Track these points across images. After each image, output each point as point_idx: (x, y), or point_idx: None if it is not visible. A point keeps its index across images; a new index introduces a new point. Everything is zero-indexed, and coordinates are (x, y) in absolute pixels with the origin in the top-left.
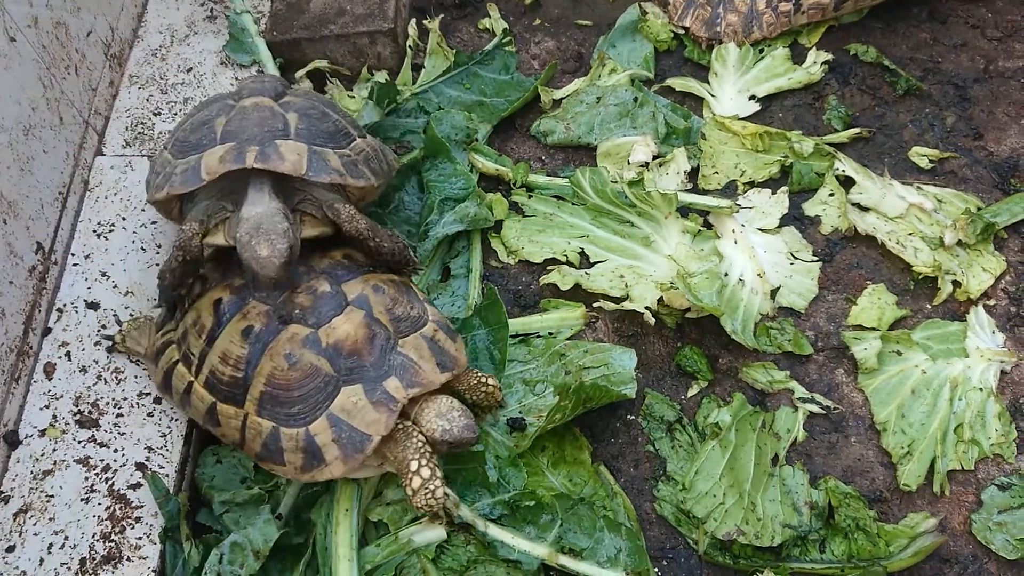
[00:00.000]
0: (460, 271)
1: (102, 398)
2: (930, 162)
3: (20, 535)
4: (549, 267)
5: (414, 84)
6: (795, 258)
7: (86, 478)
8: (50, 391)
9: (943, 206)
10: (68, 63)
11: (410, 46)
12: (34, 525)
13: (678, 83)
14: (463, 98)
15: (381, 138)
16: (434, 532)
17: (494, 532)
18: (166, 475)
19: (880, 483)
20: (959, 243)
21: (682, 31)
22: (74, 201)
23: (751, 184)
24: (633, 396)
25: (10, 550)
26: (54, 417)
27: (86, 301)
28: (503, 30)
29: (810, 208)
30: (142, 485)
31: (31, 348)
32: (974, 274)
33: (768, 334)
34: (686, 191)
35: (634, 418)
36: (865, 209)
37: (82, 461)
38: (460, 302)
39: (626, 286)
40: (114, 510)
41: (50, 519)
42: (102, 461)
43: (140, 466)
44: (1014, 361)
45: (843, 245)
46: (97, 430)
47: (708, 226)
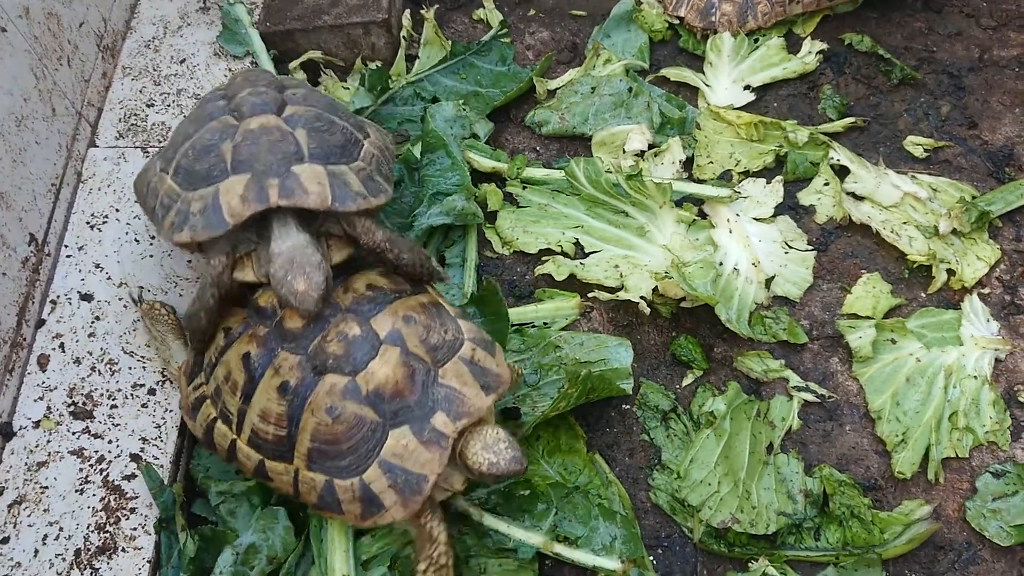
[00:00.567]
0: (455, 261)
1: (96, 389)
2: (925, 151)
3: (15, 526)
4: (544, 257)
5: (408, 75)
6: (790, 247)
7: (80, 469)
8: (44, 383)
9: (938, 195)
10: (60, 54)
11: (404, 37)
12: (28, 516)
13: (673, 73)
14: (459, 88)
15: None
16: None
17: (489, 521)
18: (160, 466)
19: (875, 471)
20: (954, 232)
21: (677, 21)
22: (67, 192)
23: (746, 174)
24: (630, 391)
25: (4, 541)
26: (48, 409)
27: (80, 293)
28: (500, 21)
29: (805, 197)
30: (137, 476)
31: (24, 340)
32: (968, 262)
33: (763, 323)
34: (681, 180)
35: (629, 407)
36: (860, 198)
37: (76, 452)
38: (455, 291)
39: (621, 276)
40: (109, 501)
41: (45, 510)
42: (96, 452)
43: (135, 457)
44: (1008, 349)
45: (838, 234)
46: (91, 421)
47: (703, 216)
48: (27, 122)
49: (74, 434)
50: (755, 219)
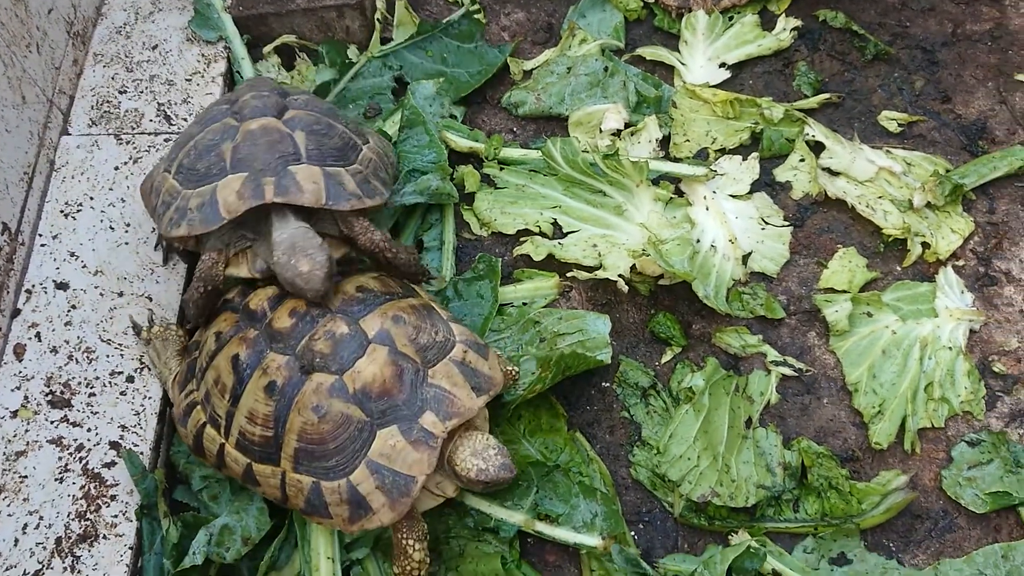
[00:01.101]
0: (433, 244)
1: (74, 378)
2: (899, 126)
3: None
4: (522, 238)
5: (374, 50)
6: (766, 223)
7: (60, 458)
8: (21, 372)
9: (912, 169)
10: (29, 41)
11: (378, 19)
12: (8, 506)
13: (648, 52)
14: (424, 66)
15: (351, 104)
16: None
17: (470, 500)
18: (141, 453)
19: (852, 443)
20: (928, 205)
21: (651, 0)
22: (40, 181)
23: (722, 151)
24: (608, 361)
25: None
26: (26, 398)
27: (55, 281)
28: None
29: (781, 174)
30: (117, 464)
31: (0, 329)
32: (943, 235)
33: (740, 299)
34: (658, 159)
35: (609, 385)
36: (835, 174)
37: (55, 441)
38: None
39: (599, 255)
40: (89, 489)
41: (24, 500)
42: (75, 441)
43: (114, 445)
44: (982, 320)
45: (814, 210)
46: (70, 410)
47: (680, 194)
48: None
49: (52, 423)
50: (732, 196)
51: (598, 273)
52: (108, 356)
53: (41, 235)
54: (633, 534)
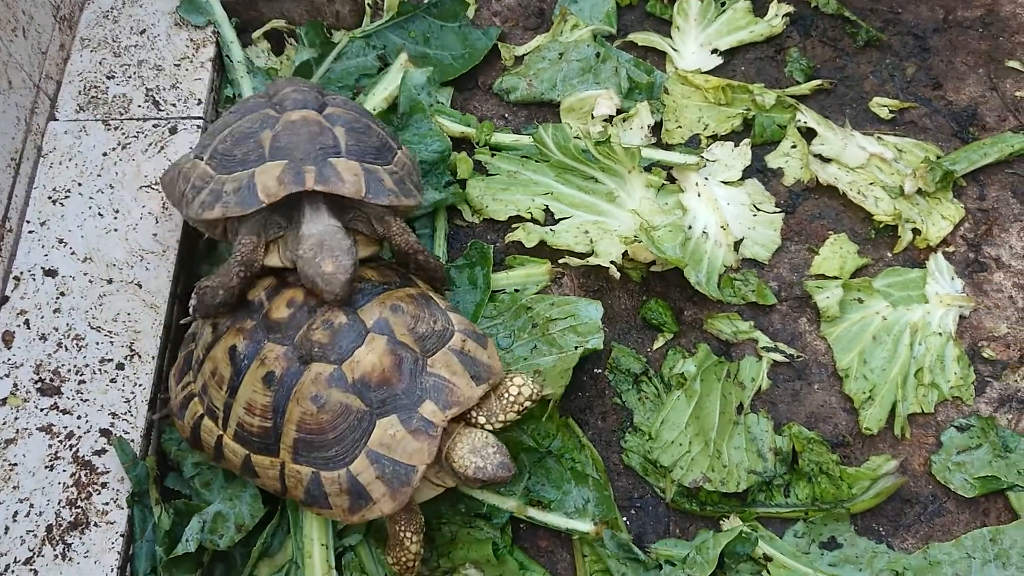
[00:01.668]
0: (425, 230)
1: (63, 365)
2: (890, 112)
3: None
4: (514, 225)
5: (357, 30)
6: (758, 210)
7: (50, 445)
8: (10, 359)
9: (903, 155)
10: (15, 25)
11: (369, 4)
12: None
13: (640, 38)
14: (407, 46)
15: (337, 87)
16: None
17: (463, 487)
18: (131, 440)
19: (843, 428)
20: (919, 191)
21: None
22: (27, 167)
23: (714, 137)
24: (601, 347)
25: None
26: (15, 386)
27: (43, 268)
28: None
29: (773, 160)
30: (107, 451)
31: None
32: (933, 222)
33: (732, 285)
34: (650, 146)
35: (601, 371)
36: (827, 160)
37: (45, 429)
38: None
39: (591, 241)
40: (79, 476)
41: (14, 487)
42: (65, 428)
43: (104, 432)
44: (972, 306)
45: (805, 196)
46: (59, 397)
47: (672, 180)
48: None
49: (42, 410)
50: (723, 182)
51: (590, 260)
52: (98, 343)
53: (29, 222)
54: (625, 519)
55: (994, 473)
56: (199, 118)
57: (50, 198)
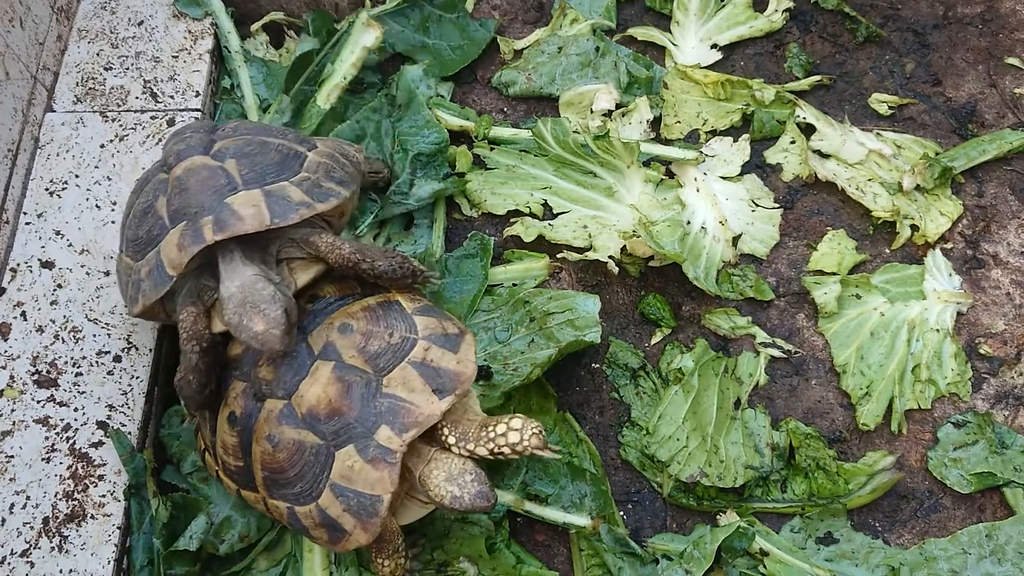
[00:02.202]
0: (423, 224)
1: (60, 357)
2: (889, 108)
3: None
4: (512, 219)
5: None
6: (756, 205)
7: (46, 438)
8: (6, 351)
9: (902, 152)
10: (12, 16)
11: None
12: None
13: (640, 32)
14: (406, 35)
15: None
16: None
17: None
18: (128, 433)
19: (840, 424)
20: (917, 188)
21: None
22: (24, 159)
23: (713, 133)
24: (598, 341)
25: None
26: (11, 378)
27: (40, 260)
28: None
29: (771, 156)
30: (104, 443)
31: None
32: (932, 218)
33: (730, 280)
34: (649, 141)
35: (598, 366)
36: (825, 156)
37: (42, 421)
38: (422, 251)
39: (589, 236)
40: (76, 469)
41: (11, 479)
42: (62, 420)
43: (101, 424)
44: (970, 302)
45: (804, 192)
46: (56, 389)
47: (670, 175)
48: None
49: (39, 402)
50: (722, 178)
51: (588, 254)
52: (95, 335)
53: (26, 213)
54: (622, 514)
55: (990, 469)
56: (197, 110)
57: (47, 190)
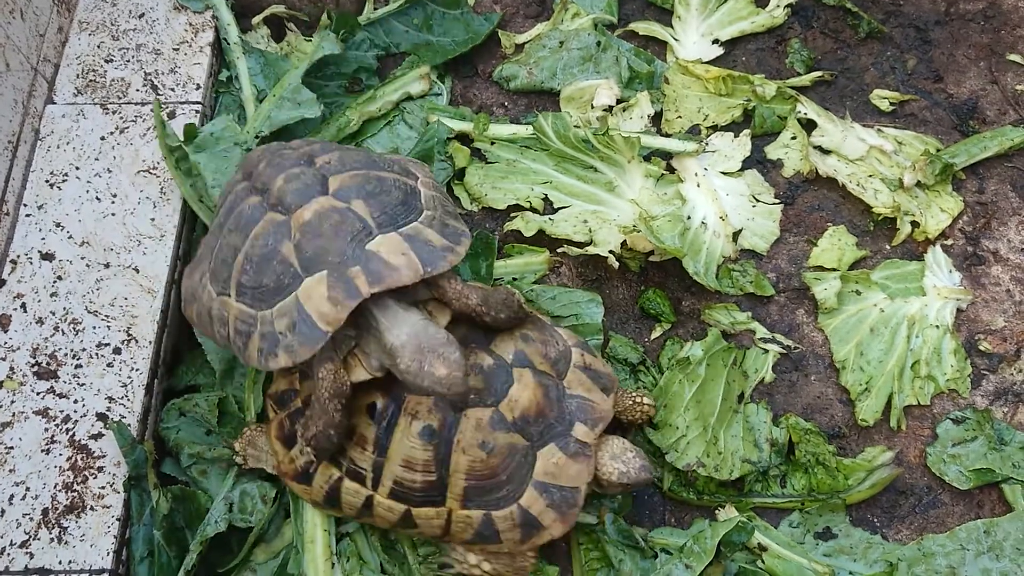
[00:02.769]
0: None
1: (60, 349)
2: (891, 105)
3: None
4: (512, 213)
5: (360, 18)
6: (757, 201)
7: (46, 429)
8: (6, 343)
9: (903, 148)
10: (12, 7)
11: None
12: None
13: (641, 27)
14: (410, 35)
15: (333, 72)
16: None
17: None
18: (128, 425)
19: (839, 419)
20: (918, 184)
21: None
22: (25, 150)
23: (714, 128)
24: (600, 347)
25: None
26: (11, 369)
27: (40, 252)
28: None
29: (772, 151)
30: (103, 435)
31: None
32: (932, 215)
33: (730, 276)
34: (649, 134)
35: None
36: (826, 152)
37: (41, 412)
38: None
39: (590, 231)
40: (76, 460)
41: (10, 471)
42: (62, 412)
43: (101, 416)
44: (970, 299)
45: (804, 188)
46: (56, 381)
47: (671, 170)
48: None
49: (39, 394)
50: (723, 173)
51: (589, 249)
52: (95, 327)
53: (26, 205)
54: None
55: (989, 465)
56: (198, 103)
57: (47, 182)
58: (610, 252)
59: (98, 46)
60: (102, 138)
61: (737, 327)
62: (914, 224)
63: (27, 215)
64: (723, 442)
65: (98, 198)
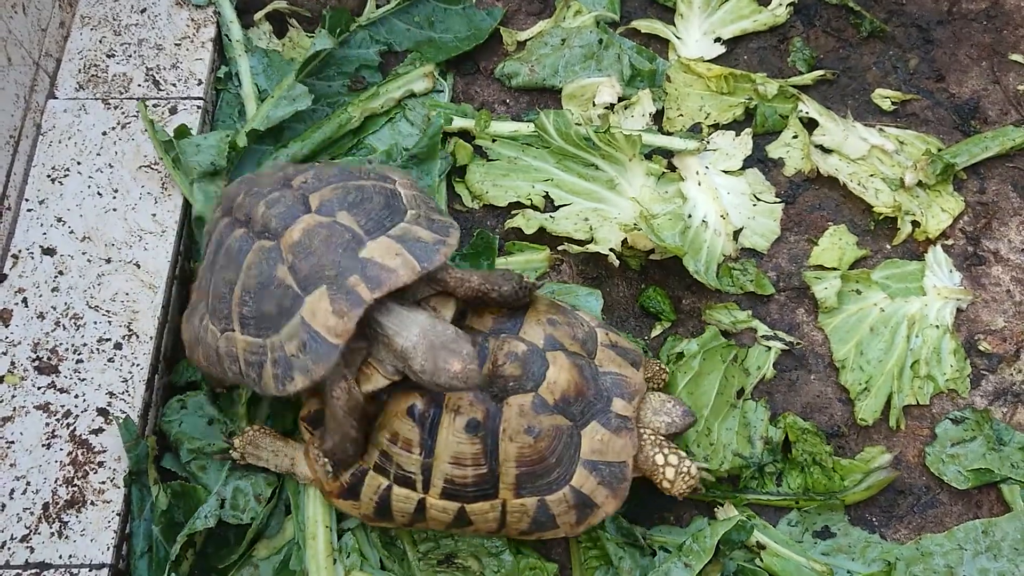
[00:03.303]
0: None
1: (61, 344)
2: (892, 104)
3: None
4: (513, 211)
5: (361, 17)
6: (758, 200)
7: (47, 424)
8: (7, 338)
9: (904, 148)
10: (15, 1)
11: None
12: None
13: (644, 25)
14: (412, 33)
15: (335, 72)
16: None
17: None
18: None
19: (838, 419)
20: (919, 184)
21: None
22: (26, 145)
23: (715, 126)
24: None
25: None
26: (12, 364)
27: (42, 247)
28: None
29: (774, 150)
30: (104, 430)
31: None
32: (933, 214)
33: (731, 275)
34: (651, 132)
35: None
36: (828, 151)
37: (42, 407)
38: None
39: (591, 229)
40: (76, 455)
41: (11, 465)
42: (63, 407)
43: (102, 411)
44: (970, 299)
45: (805, 187)
46: (57, 376)
47: (672, 168)
48: None
49: (39, 389)
50: (724, 172)
51: (589, 247)
52: (96, 323)
53: (27, 200)
54: None
55: (987, 466)
56: (199, 98)
57: (49, 176)
58: (611, 250)
59: (100, 41)
60: (104, 133)
61: (738, 326)
62: (915, 224)
63: (28, 210)
64: (716, 434)
65: (99, 193)
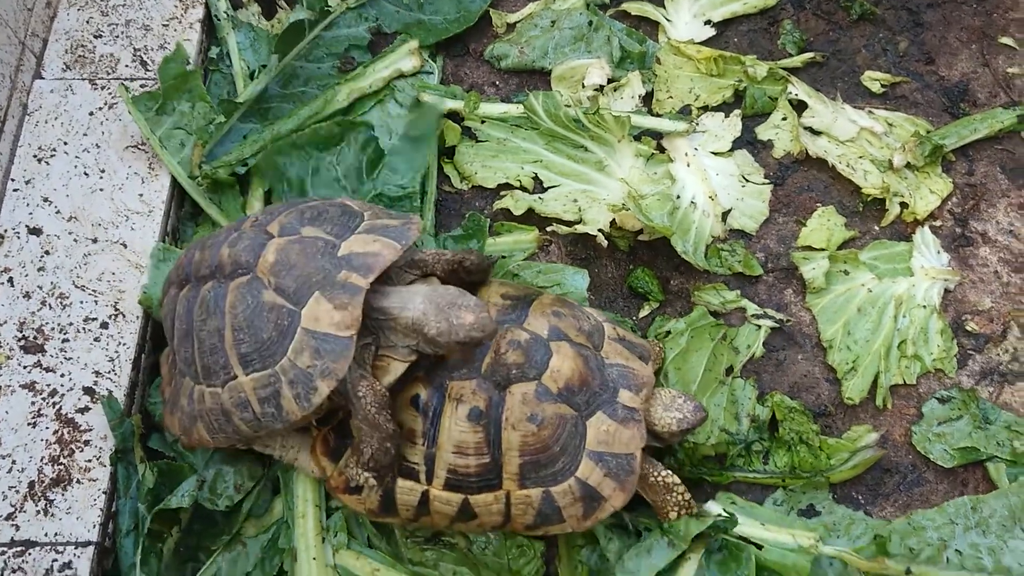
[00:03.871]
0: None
1: (47, 323)
2: (882, 86)
3: None
4: (502, 192)
5: None
6: (747, 181)
7: (33, 403)
8: None
9: (893, 130)
10: None
11: None
12: None
13: (634, 7)
14: (401, 15)
15: (324, 52)
16: None
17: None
18: (115, 399)
19: (825, 398)
20: (908, 166)
21: None
22: (12, 125)
23: (705, 108)
24: None
25: None
26: None
27: (28, 227)
28: None
29: (763, 132)
30: (90, 409)
31: None
32: (921, 196)
33: (719, 255)
34: (640, 113)
35: None
36: (817, 133)
37: (28, 386)
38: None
39: (579, 210)
40: (62, 434)
41: None
42: (49, 386)
43: (88, 390)
44: (957, 280)
45: (794, 168)
46: (43, 355)
47: (661, 150)
48: None
49: (25, 368)
50: (713, 153)
51: (578, 227)
52: (82, 302)
53: (14, 180)
54: None
55: (973, 444)
56: None
57: (35, 156)
58: (599, 231)
59: (87, 21)
60: (90, 113)
61: (728, 306)
62: (903, 205)
63: (15, 190)
64: None
65: (86, 173)
